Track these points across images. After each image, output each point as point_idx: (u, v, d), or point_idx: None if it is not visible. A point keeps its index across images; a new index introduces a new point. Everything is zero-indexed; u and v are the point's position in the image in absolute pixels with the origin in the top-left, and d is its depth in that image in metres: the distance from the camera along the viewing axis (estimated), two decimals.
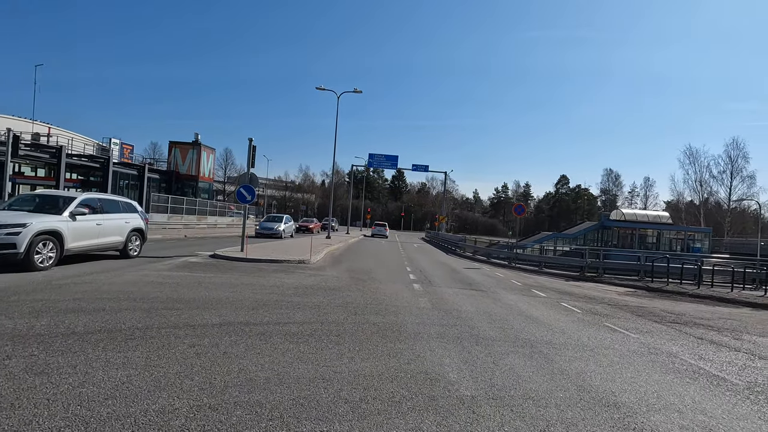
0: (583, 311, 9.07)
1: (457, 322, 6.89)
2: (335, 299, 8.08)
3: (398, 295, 9.15)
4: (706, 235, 36.98)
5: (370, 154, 50.81)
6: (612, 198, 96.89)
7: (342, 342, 5.20)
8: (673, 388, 4.46)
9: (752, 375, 5.19)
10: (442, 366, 4.58)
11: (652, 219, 36.33)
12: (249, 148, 15.77)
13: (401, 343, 5.38)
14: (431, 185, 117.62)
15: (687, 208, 64.64)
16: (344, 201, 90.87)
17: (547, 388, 4.15)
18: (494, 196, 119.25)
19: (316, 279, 10.70)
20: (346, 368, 4.27)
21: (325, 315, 6.65)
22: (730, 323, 8.90)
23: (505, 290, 11.66)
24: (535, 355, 5.30)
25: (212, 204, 42.69)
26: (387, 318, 6.79)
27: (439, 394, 3.77)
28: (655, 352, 5.99)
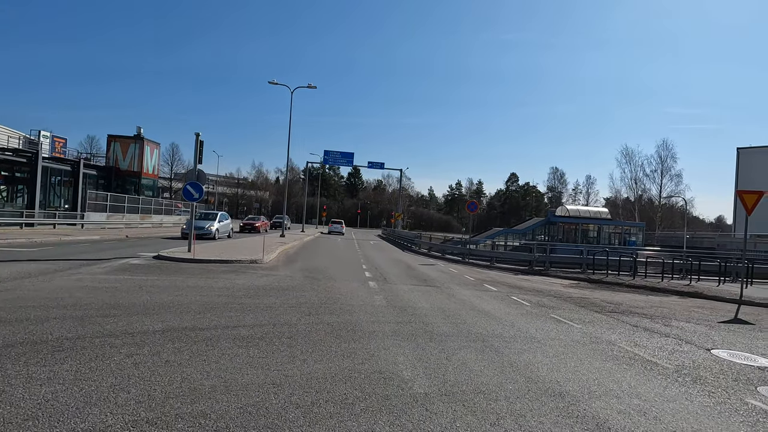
0: (531, 304, 9.45)
1: (412, 319, 6.94)
2: (288, 300, 7.87)
3: (353, 294, 9.08)
4: (640, 229, 39.89)
5: (326, 151, 50.20)
6: (558, 195, 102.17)
7: (294, 344, 5.06)
8: (612, 375, 4.73)
9: (680, 359, 5.63)
10: (396, 364, 4.58)
11: (593, 215, 38.71)
12: (196, 142, 15.02)
13: (356, 342, 5.32)
14: (387, 182, 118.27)
15: (624, 204, 69.42)
16: (299, 198, 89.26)
17: (498, 381, 4.26)
18: (449, 193, 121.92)
19: (269, 279, 10.40)
20: (298, 371, 4.15)
21: (278, 316, 6.45)
22: (661, 311, 9.63)
23: (459, 286, 11.93)
24: (487, 349, 5.44)
25: (157, 202, 40.44)
26: (342, 317, 6.71)
27: (392, 393, 3.76)
28: (596, 341, 6.34)
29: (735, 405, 4.06)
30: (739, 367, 5.41)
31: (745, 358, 5.87)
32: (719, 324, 8.41)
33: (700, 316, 9.26)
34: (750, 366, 5.48)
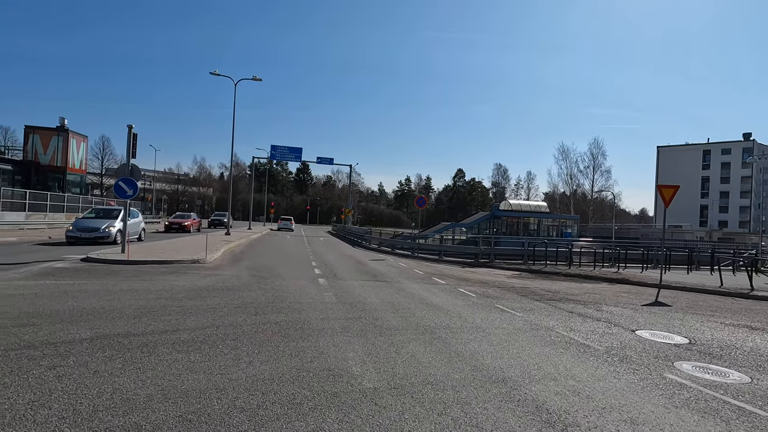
0: (477, 295, 9.80)
1: (362, 315, 6.94)
2: (233, 300, 7.57)
3: (302, 291, 8.92)
4: (575, 221, 42.74)
5: (273, 146, 48.78)
6: (501, 190, 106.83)
7: (240, 346, 4.87)
8: (550, 359, 5.02)
9: (609, 340, 6.09)
10: (345, 361, 4.55)
11: (534, 209, 40.88)
12: (129, 136, 13.98)
13: (304, 341, 5.23)
14: (337, 178, 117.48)
15: (561, 198, 74.04)
16: (245, 195, 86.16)
17: (445, 372, 4.36)
18: (398, 189, 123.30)
19: (212, 279, 9.94)
20: (243, 374, 3.99)
21: (222, 318, 6.18)
22: (593, 297, 10.37)
23: (408, 280, 12.10)
24: (435, 341, 5.56)
25: (86, 200, 37.27)
26: (290, 316, 6.56)
27: (341, 390, 3.73)
28: (536, 327, 6.70)
29: (655, 380, 4.46)
30: (659, 345, 5.95)
31: (664, 336, 6.46)
32: (642, 307, 9.20)
33: (626, 300, 10.08)
34: (668, 344, 6.05)
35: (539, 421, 3.32)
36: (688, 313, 8.65)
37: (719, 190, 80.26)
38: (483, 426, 3.18)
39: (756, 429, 3.39)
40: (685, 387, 4.28)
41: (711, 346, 6.02)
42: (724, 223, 76.95)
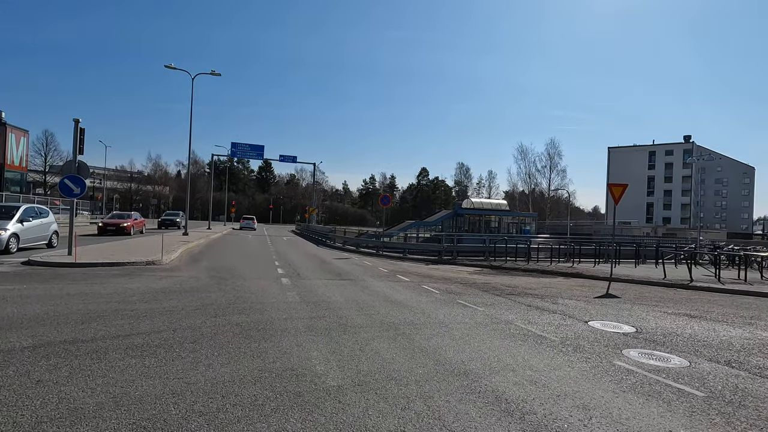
0: (440, 291, 9.97)
1: (326, 314, 6.89)
2: (192, 302, 7.31)
3: (265, 291, 8.74)
4: (533, 219, 44.40)
5: (233, 143, 47.30)
6: (464, 189, 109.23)
7: (198, 349, 4.71)
8: (510, 351, 5.20)
9: (564, 332, 6.37)
10: (309, 360, 4.51)
11: (495, 207, 42.08)
12: (75, 130, 13.14)
13: (267, 341, 5.13)
14: (301, 177, 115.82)
15: (520, 196, 76.59)
16: (205, 194, 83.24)
17: (409, 367, 4.42)
18: (363, 188, 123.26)
19: (169, 281, 9.55)
20: (202, 377, 3.87)
21: (179, 321, 5.95)
22: (550, 291, 10.82)
23: (373, 278, 12.13)
24: (399, 337, 5.61)
25: (27, 199, 34.72)
26: (252, 317, 6.41)
27: (305, 389, 3.69)
28: (497, 321, 6.91)
29: (606, 367, 4.72)
30: (609, 334, 6.30)
31: (613, 326, 6.84)
32: (595, 299, 9.69)
33: (580, 293, 10.58)
34: (617, 333, 6.41)
35: (499, 410, 3.44)
36: (636, 303, 9.20)
37: (663, 189, 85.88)
38: (445, 418, 3.25)
39: (693, 408, 3.66)
40: (632, 372, 4.55)
41: (655, 333, 6.44)
42: (667, 219, 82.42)
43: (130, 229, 25.42)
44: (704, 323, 7.32)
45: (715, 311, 8.54)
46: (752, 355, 5.41)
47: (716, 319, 7.75)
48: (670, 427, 3.27)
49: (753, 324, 7.41)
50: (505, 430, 3.10)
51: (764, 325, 7.39)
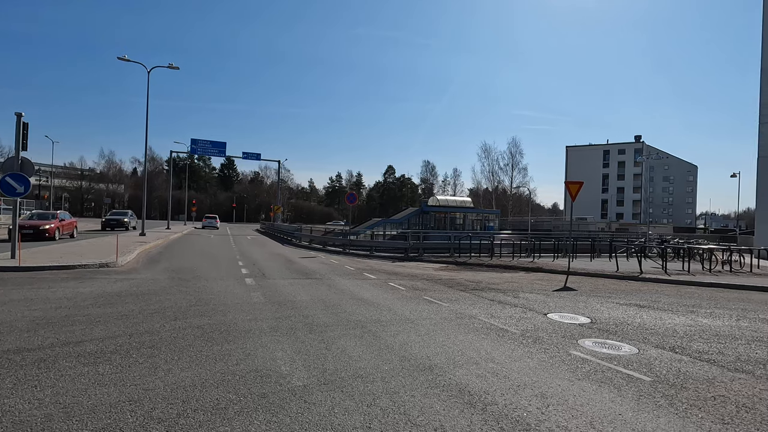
0: (406, 288, 10.08)
1: (292, 313, 6.82)
2: (149, 305, 7.03)
3: (228, 293, 8.53)
4: (496, 216, 45.66)
5: (193, 140, 45.63)
6: (430, 186, 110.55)
7: (157, 354, 4.54)
8: (473, 345, 5.34)
9: (525, 324, 6.62)
10: (274, 360, 4.45)
11: (460, 204, 42.93)
12: (18, 125, 12.27)
13: (230, 343, 5.02)
14: (265, 174, 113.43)
15: (484, 194, 78.48)
16: (163, 192, 79.94)
17: (375, 364, 4.46)
18: (329, 186, 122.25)
19: (125, 284, 9.13)
20: (161, 382, 3.74)
21: (136, 325, 5.71)
22: (512, 285, 11.18)
23: (340, 276, 12.09)
24: (365, 335, 5.64)
25: None
26: (214, 319, 6.25)
27: (269, 391, 3.65)
28: (461, 316, 7.07)
29: (562, 357, 4.94)
30: (566, 326, 6.60)
31: (570, 318, 7.17)
32: (553, 292, 10.10)
33: (540, 287, 11.00)
34: (574, 324, 6.72)
35: (462, 402, 3.53)
36: (591, 295, 9.67)
37: (617, 186, 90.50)
38: (410, 413, 3.31)
39: (641, 392, 3.91)
40: (587, 361, 4.80)
41: (608, 323, 6.81)
42: (620, 215, 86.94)
43: (53, 232, 20.32)
44: (652, 312, 7.81)
45: (661, 301, 9.12)
46: (693, 341, 5.83)
47: (663, 308, 8.28)
48: (620, 411, 3.48)
49: (695, 312, 7.97)
50: (467, 421, 3.20)
51: (704, 312, 7.97)
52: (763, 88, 21.76)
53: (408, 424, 3.13)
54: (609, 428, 3.17)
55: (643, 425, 3.24)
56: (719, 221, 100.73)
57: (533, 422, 3.22)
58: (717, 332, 6.38)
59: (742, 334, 6.32)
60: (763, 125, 21.62)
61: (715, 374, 4.49)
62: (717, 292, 10.84)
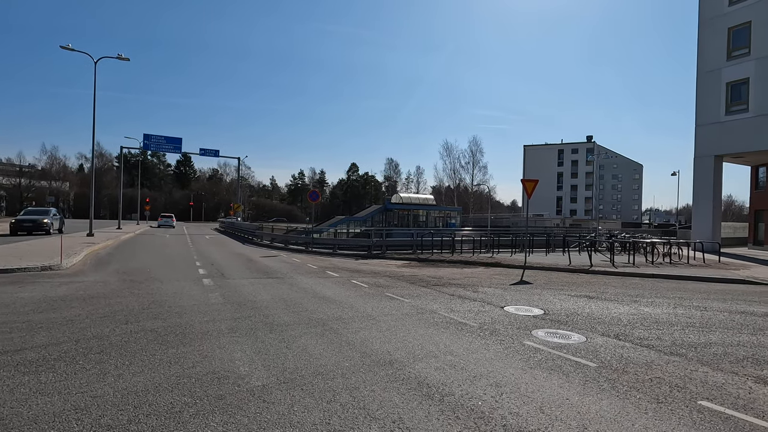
0: (369, 285, 10.14)
1: (252, 313, 6.69)
2: (98, 309, 6.68)
3: (184, 294, 8.24)
4: (458, 213, 46.71)
5: (146, 135, 43.46)
6: (393, 184, 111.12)
7: (106, 359, 4.34)
8: (433, 338, 5.47)
9: (482, 317, 6.84)
10: (232, 362, 4.37)
11: (422, 201, 43.54)
12: None
13: (186, 346, 4.87)
14: (225, 172, 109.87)
15: (446, 191, 79.90)
16: (113, 190, 75.74)
17: (335, 361, 4.48)
18: (291, 183, 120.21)
19: (71, 288, 8.61)
20: (110, 389, 3.59)
21: (83, 331, 5.42)
22: (472, 280, 11.50)
23: (302, 274, 11.97)
24: (327, 332, 5.64)
25: None
26: (169, 321, 6.03)
27: (227, 392, 3.59)
28: (422, 311, 7.21)
29: (517, 347, 5.17)
30: (521, 318, 6.89)
31: (525, 310, 7.48)
32: (510, 286, 10.49)
33: (498, 281, 11.39)
34: (528, 316, 7.03)
35: (420, 395, 3.63)
36: (545, 288, 10.12)
37: (570, 184, 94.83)
38: (369, 407, 3.36)
39: (587, 377, 4.17)
40: (539, 351, 5.04)
41: (560, 314, 7.16)
42: (574, 211, 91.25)
43: None
44: (600, 303, 8.29)
45: (609, 292, 9.69)
46: (635, 328, 6.25)
47: (609, 298, 8.81)
48: (567, 396, 3.69)
49: (637, 301, 8.54)
50: (425, 413, 3.29)
51: (646, 302, 8.55)
52: (699, 93, 23.51)
53: (367, 418, 3.18)
54: (557, 412, 3.36)
55: (588, 407, 3.46)
56: (662, 216, 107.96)
57: (487, 410, 3.36)
58: (656, 319, 6.88)
59: (678, 320, 6.85)
60: (699, 127, 23.36)
61: (653, 358, 4.84)
62: (658, 282, 11.65)
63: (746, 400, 3.69)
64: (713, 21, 23.03)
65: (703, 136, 23.33)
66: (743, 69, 21.63)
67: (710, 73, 23.04)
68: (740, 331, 6.23)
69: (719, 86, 22.57)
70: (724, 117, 22.44)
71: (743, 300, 8.92)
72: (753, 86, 21.16)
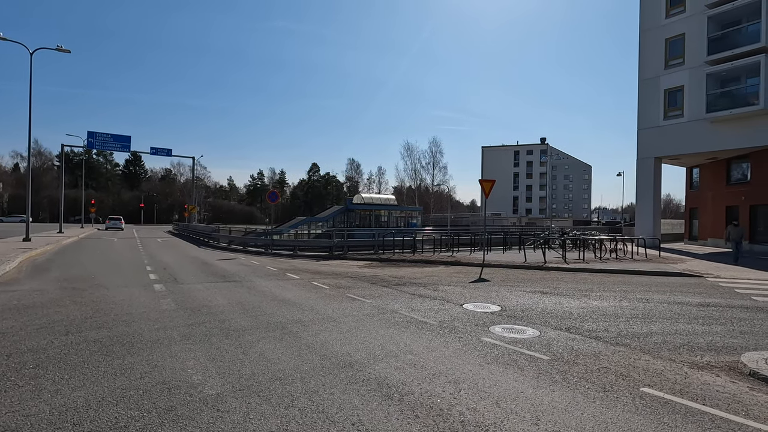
0: (330, 287, 10.03)
1: (207, 319, 6.44)
2: (34, 320, 6.18)
3: (132, 301, 7.80)
4: (419, 213, 47.29)
5: (90, 132, 40.64)
6: (355, 184, 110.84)
7: (42, 374, 4.02)
8: (393, 338, 5.49)
9: (442, 315, 6.95)
10: (184, 371, 4.17)
11: (384, 202, 43.72)
12: None
13: (133, 356, 4.60)
14: (178, 172, 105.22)
15: (407, 192, 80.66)
16: (54, 191, 70.53)
17: (294, 365, 4.38)
18: (250, 183, 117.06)
19: (3, 297, 7.92)
20: (46, 406, 3.32)
21: (16, 344, 4.99)
22: (432, 279, 11.66)
23: (260, 277, 11.67)
24: (286, 336, 5.51)
25: None
26: (114, 330, 5.68)
27: (178, 403, 3.42)
28: (383, 311, 7.22)
29: (475, 344, 5.28)
30: (480, 314, 7.06)
31: (484, 307, 7.68)
32: (469, 284, 10.73)
33: (458, 279, 11.62)
34: (486, 312, 7.21)
35: (380, 395, 3.62)
36: (502, 285, 10.44)
37: (526, 184, 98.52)
38: (329, 411, 3.31)
39: (540, 370, 4.33)
40: (496, 346, 5.18)
41: (516, 310, 7.41)
42: (529, 210, 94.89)
43: None
44: (553, 298, 8.65)
45: (561, 287, 10.14)
46: (585, 321, 6.58)
47: (562, 293, 9.22)
48: (522, 389, 3.82)
49: (587, 296, 8.99)
50: (385, 413, 3.29)
51: (595, 295, 9.02)
52: (641, 100, 25.16)
53: (326, 422, 3.13)
54: (512, 405, 3.46)
55: (541, 399, 3.59)
56: (609, 215, 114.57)
57: (446, 407, 3.41)
58: (604, 312, 7.27)
59: (623, 312, 7.27)
60: (641, 131, 25.00)
61: (600, 349, 5.11)
62: (605, 276, 12.32)
63: (682, 385, 3.97)
64: (652, 32, 24.72)
65: (644, 139, 24.98)
66: (679, 77, 23.35)
67: (650, 80, 24.70)
68: (677, 320, 6.70)
69: (658, 93, 24.25)
70: (662, 121, 24.13)
71: (680, 291, 9.62)
72: (687, 93, 22.89)
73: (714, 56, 21.45)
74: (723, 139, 21.64)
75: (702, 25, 21.96)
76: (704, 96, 21.75)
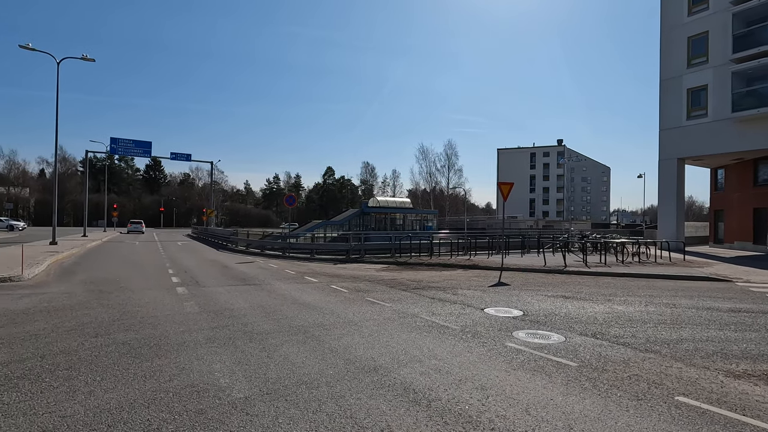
0: (349, 290, 10.05)
1: (230, 322, 6.51)
2: (65, 322, 6.34)
3: (157, 304, 7.94)
4: (435, 215, 47.11)
5: (113, 139, 41.77)
6: (370, 187, 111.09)
7: (75, 376, 4.11)
8: (416, 343, 5.46)
9: (464, 320, 6.88)
10: (212, 373, 4.22)
11: (399, 205, 43.69)
12: None
13: (161, 358, 4.67)
14: (196, 176, 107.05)
15: (422, 194, 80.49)
16: (78, 196, 72.65)
17: (319, 369, 4.39)
18: (266, 187, 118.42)
19: (33, 300, 8.16)
20: (81, 407, 3.39)
21: (48, 346, 5.13)
22: (451, 282, 11.58)
23: (280, 280, 11.76)
24: (309, 340, 5.53)
25: None
26: (142, 333, 5.79)
27: (208, 406, 3.45)
28: (404, 315, 7.19)
29: (499, 349, 5.21)
30: (502, 319, 6.97)
31: (505, 311, 7.58)
32: (489, 288, 10.62)
33: (477, 283, 11.51)
34: (508, 317, 7.12)
35: (407, 401, 3.59)
36: (523, 289, 10.30)
37: (542, 186, 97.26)
38: (356, 416, 3.30)
39: (568, 377, 4.24)
40: (521, 352, 5.10)
41: (538, 315, 7.29)
42: (546, 212, 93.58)
43: None
44: (576, 302, 8.49)
45: (583, 291, 9.94)
46: (611, 327, 6.43)
47: (585, 298, 9.04)
48: (551, 396, 3.74)
49: (611, 300, 8.79)
50: (413, 419, 3.26)
51: (619, 300, 8.81)
52: (662, 100, 24.60)
53: (355, 427, 3.12)
54: (542, 413, 3.40)
55: (572, 407, 3.51)
56: (628, 217, 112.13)
57: (474, 414, 3.36)
58: (630, 318, 7.09)
59: (650, 318, 7.08)
60: (663, 131, 24.42)
61: (629, 356, 4.98)
62: (629, 281, 12.04)
63: (719, 394, 3.84)
64: (674, 30, 24.17)
65: (666, 140, 24.39)
66: (702, 76, 22.76)
67: (672, 80, 24.13)
68: (708, 326, 6.49)
69: (680, 92, 23.67)
70: (685, 122, 23.52)
71: (709, 296, 9.33)
72: (711, 93, 22.28)
73: (739, 54, 20.84)
74: (750, 138, 20.97)
75: (726, 23, 21.38)
76: (729, 95, 21.14)
